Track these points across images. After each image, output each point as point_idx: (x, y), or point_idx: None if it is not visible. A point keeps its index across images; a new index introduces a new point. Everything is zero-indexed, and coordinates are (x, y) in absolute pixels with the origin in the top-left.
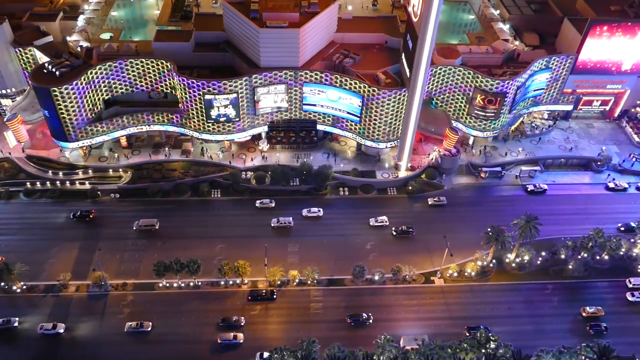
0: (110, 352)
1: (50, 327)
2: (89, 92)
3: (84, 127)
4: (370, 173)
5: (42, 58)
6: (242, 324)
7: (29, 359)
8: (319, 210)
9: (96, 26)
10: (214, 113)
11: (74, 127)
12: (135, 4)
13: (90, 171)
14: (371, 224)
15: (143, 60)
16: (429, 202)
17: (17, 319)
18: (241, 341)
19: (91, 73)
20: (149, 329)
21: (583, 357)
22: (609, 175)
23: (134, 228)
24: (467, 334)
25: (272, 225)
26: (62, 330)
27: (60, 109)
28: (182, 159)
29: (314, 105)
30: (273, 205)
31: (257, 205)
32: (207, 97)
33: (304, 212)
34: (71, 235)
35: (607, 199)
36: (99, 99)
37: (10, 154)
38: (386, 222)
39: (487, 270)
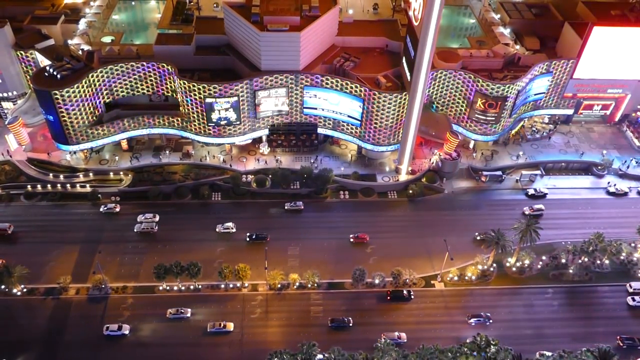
0: None
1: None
2: (89, 95)
3: (85, 130)
4: (371, 176)
5: (44, 61)
6: (351, 324)
7: None
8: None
9: (97, 29)
10: (214, 116)
11: (75, 130)
12: (136, 7)
13: (91, 174)
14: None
15: (144, 63)
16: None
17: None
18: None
19: (92, 76)
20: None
21: None
22: (609, 183)
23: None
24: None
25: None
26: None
27: (61, 111)
28: (208, 163)
29: (315, 108)
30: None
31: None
32: (208, 100)
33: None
34: (71, 238)
35: (608, 204)
36: (100, 102)
37: (11, 156)
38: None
39: (487, 274)
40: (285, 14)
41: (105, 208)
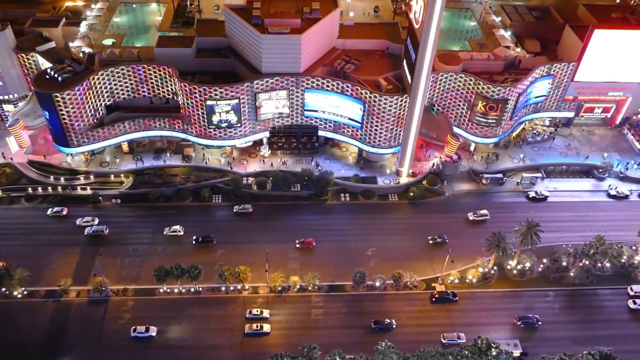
0: None
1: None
2: (90, 98)
3: (86, 133)
4: (372, 179)
5: (45, 64)
6: (394, 326)
7: None
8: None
9: (98, 32)
10: (215, 119)
11: (76, 133)
12: (137, 10)
13: (91, 176)
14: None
15: (145, 66)
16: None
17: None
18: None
19: (93, 79)
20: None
21: None
22: (610, 186)
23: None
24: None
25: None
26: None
27: (62, 114)
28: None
29: (316, 111)
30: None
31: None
32: (209, 102)
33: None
34: (72, 240)
35: (609, 206)
36: (100, 105)
37: (12, 159)
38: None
39: (488, 277)
40: (286, 16)
41: (53, 211)
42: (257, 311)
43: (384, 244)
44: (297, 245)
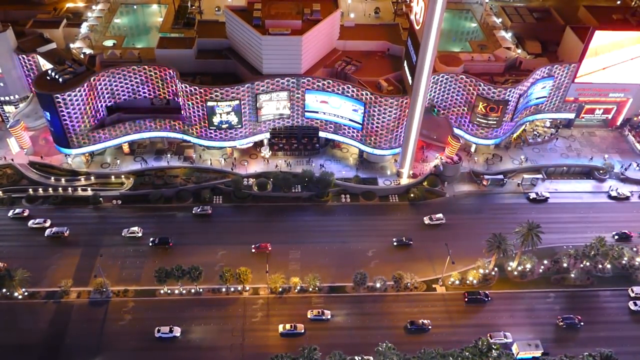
0: None
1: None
2: (91, 99)
3: (87, 134)
4: (372, 180)
5: (45, 65)
6: (430, 327)
7: None
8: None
9: (99, 33)
10: (216, 120)
11: (77, 134)
12: (138, 11)
13: (92, 177)
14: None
15: (146, 67)
16: None
17: None
18: None
19: (94, 80)
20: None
21: None
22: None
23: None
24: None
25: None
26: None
27: (63, 115)
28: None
29: (316, 112)
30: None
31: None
32: (210, 104)
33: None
34: (72, 241)
35: (610, 208)
36: (101, 106)
37: (12, 160)
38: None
39: (488, 278)
40: (286, 17)
41: (14, 212)
42: (318, 312)
43: (384, 245)
44: (253, 250)
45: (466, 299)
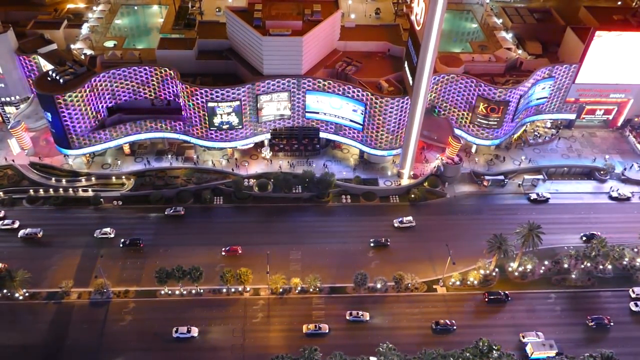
0: None
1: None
2: (92, 100)
3: (87, 135)
4: (373, 181)
5: (46, 66)
6: (455, 327)
7: None
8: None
9: (100, 34)
10: (216, 120)
11: (77, 135)
12: (139, 12)
13: (93, 178)
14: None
15: (147, 68)
16: None
17: None
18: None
19: (95, 81)
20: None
21: None
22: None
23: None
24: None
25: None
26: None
27: (64, 116)
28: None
29: (317, 112)
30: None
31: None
32: (210, 104)
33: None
34: (73, 242)
35: (610, 209)
36: (102, 107)
37: (13, 161)
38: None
39: (489, 279)
40: (287, 18)
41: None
42: (358, 313)
43: (385, 246)
44: (223, 253)
45: (487, 299)
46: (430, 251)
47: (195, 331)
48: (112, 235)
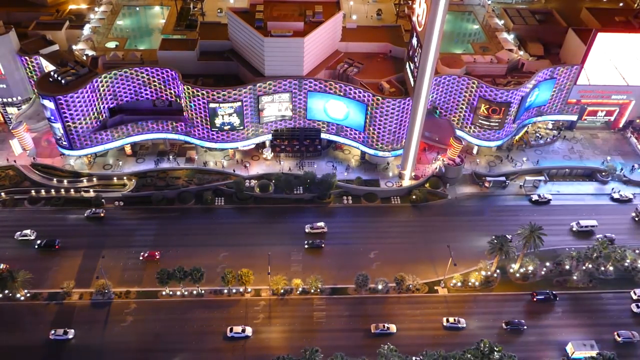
0: None
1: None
2: (94, 101)
3: (89, 135)
4: (374, 182)
5: (48, 67)
6: (525, 327)
7: None
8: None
9: (102, 35)
10: (218, 121)
11: (79, 135)
12: (140, 13)
13: (94, 179)
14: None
15: (148, 68)
16: None
17: None
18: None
19: (96, 82)
20: None
21: None
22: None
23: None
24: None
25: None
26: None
27: (66, 117)
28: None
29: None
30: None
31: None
32: (212, 105)
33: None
34: (75, 243)
35: (612, 210)
36: (103, 107)
37: (15, 161)
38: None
39: (491, 280)
40: (289, 19)
41: None
42: (384, 326)
43: (386, 247)
44: (141, 258)
45: (535, 299)
46: (432, 252)
47: (249, 331)
48: (33, 237)
